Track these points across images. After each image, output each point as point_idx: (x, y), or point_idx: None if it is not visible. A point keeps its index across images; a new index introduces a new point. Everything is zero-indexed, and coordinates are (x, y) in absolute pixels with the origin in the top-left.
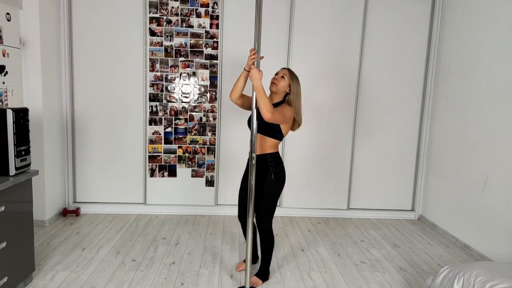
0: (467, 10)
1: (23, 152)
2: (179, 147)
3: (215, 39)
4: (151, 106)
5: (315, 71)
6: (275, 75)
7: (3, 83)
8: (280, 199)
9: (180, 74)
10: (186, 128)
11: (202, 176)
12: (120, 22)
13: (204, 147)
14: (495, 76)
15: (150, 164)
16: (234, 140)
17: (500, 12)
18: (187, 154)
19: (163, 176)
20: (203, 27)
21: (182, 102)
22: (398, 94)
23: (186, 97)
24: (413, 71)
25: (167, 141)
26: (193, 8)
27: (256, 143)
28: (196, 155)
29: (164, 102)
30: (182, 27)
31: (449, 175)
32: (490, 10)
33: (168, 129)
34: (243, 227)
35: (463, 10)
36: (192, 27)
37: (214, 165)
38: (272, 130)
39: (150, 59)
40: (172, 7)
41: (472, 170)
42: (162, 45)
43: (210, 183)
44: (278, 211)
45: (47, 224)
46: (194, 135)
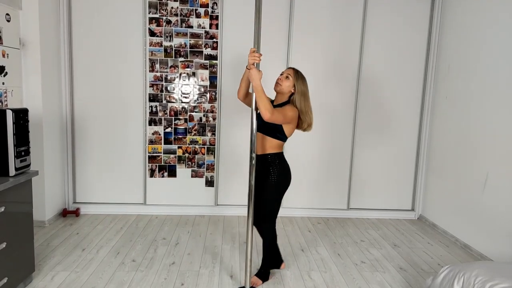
0: (466, 9)
1: (23, 153)
2: (179, 147)
3: (214, 39)
4: (151, 107)
5: (314, 71)
6: (280, 75)
7: (3, 83)
8: None
9: (180, 75)
10: (186, 129)
11: (202, 176)
12: (119, 23)
13: (204, 147)
14: (495, 76)
15: (150, 164)
16: (234, 140)
17: (500, 11)
18: (187, 155)
19: (163, 176)
20: (202, 28)
21: (182, 102)
22: (398, 94)
23: (185, 97)
24: (412, 71)
25: (167, 141)
26: (192, 9)
27: (259, 143)
28: (196, 155)
29: (164, 102)
30: (181, 27)
31: (449, 175)
32: (490, 9)
33: (168, 129)
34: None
35: (463, 9)
36: (191, 27)
37: (214, 165)
38: (274, 130)
39: (150, 60)
40: (171, 8)
41: (472, 170)
42: (161, 45)
43: (210, 183)
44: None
45: (47, 225)
46: (194, 135)
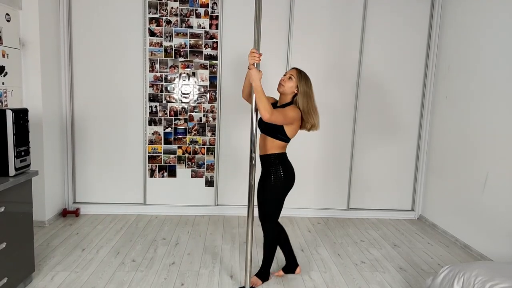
0: (466, 9)
1: (22, 153)
2: (178, 147)
3: (214, 40)
4: (151, 107)
5: (314, 71)
6: (283, 76)
7: (3, 83)
8: None
9: (180, 75)
10: (185, 129)
11: (201, 176)
12: (119, 23)
13: (204, 148)
14: (495, 75)
15: (150, 164)
16: (234, 140)
17: (500, 11)
18: (186, 155)
19: (163, 176)
20: (202, 28)
21: (182, 102)
22: (398, 94)
23: (185, 97)
24: (412, 71)
25: (167, 141)
26: (192, 9)
27: (261, 144)
28: (195, 156)
29: (164, 102)
30: (181, 27)
31: (449, 175)
32: (490, 9)
33: (168, 129)
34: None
35: (462, 9)
36: (191, 27)
37: (213, 165)
38: (275, 131)
39: (150, 60)
40: (171, 8)
41: (472, 170)
42: (161, 45)
43: (209, 183)
44: None
45: (47, 225)
46: (193, 136)
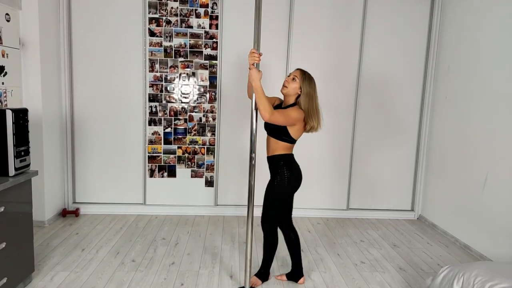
0: (466, 9)
1: (22, 153)
2: (178, 147)
3: (214, 40)
4: (151, 107)
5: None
6: (287, 77)
7: (3, 83)
8: None
9: (180, 75)
10: (185, 129)
11: (201, 176)
12: (119, 23)
13: (204, 148)
14: (494, 75)
15: (150, 164)
16: (233, 140)
17: (500, 11)
18: (186, 155)
19: (162, 176)
20: (202, 28)
21: (182, 102)
22: (398, 94)
23: (185, 97)
24: (412, 70)
25: (167, 141)
26: (192, 9)
27: (268, 145)
28: (195, 156)
29: (164, 102)
30: (181, 27)
31: (448, 175)
32: (490, 9)
33: (168, 129)
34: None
35: (462, 9)
36: (191, 27)
37: (213, 165)
38: (279, 133)
39: (150, 60)
40: (171, 8)
41: (472, 170)
42: (161, 45)
43: (209, 183)
44: None
45: (46, 225)
46: (193, 136)
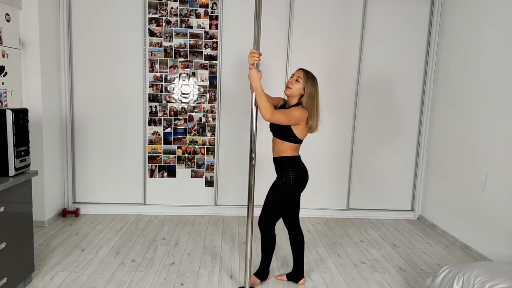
0: (466, 10)
1: (22, 153)
2: (178, 147)
3: (214, 40)
4: (151, 107)
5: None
6: (290, 78)
7: (3, 83)
8: None
9: (180, 75)
10: (185, 129)
11: (201, 176)
12: (119, 23)
13: (204, 148)
14: (494, 76)
15: (150, 164)
16: (233, 140)
17: (500, 12)
18: (186, 155)
19: (162, 176)
20: (202, 28)
21: (182, 102)
22: (398, 94)
23: (185, 97)
24: (412, 71)
25: (167, 141)
26: (192, 9)
27: (274, 146)
28: (195, 156)
29: (164, 102)
30: (181, 27)
31: (448, 175)
32: (490, 10)
33: (168, 129)
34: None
35: (462, 10)
36: (191, 27)
37: (213, 165)
38: (284, 133)
39: (150, 60)
40: (171, 8)
41: (471, 170)
42: (161, 45)
43: (209, 183)
44: None
45: (46, 225)
46: (193, 136)
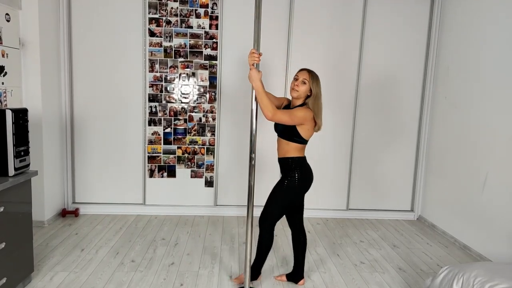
0: (466, 9)
1: (22, 153)
2: (178, 147)
3: (214, 40)
4: (151, 107)
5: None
6: (294, 80)
7: (3, 83)
8: None
9: (180, 75)
10: (185, 129)
11: (201, 176)
12: (119, 23)
13: (204, 148)
14: (494, 76)
15: (150, 164)
16: (233, 140)
17: (500, 11)
18: (186, 155)
19: (162, 176)
20: (202, 28)
21: (182, 102)
22: (398, 94)
23: (185, 97)
24: (412, 71)
25: (167, 141)
26: (192, 9)
27: (279, 147)
28: (195, 156)
29: (164, 102)
30: (181, 27)
31: (448, 176)
32: (490, 9)
33: (168, 129)
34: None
35: (462, 9)
36: (191, 27)
37: (213, 165)
38: (290, 134)
39: (150, 60)
40: (171, 8)
41: (471, 170)
42: (161, 45)
43: (209, 183)
44: None
45: (46, 225)
46: (193, 136)
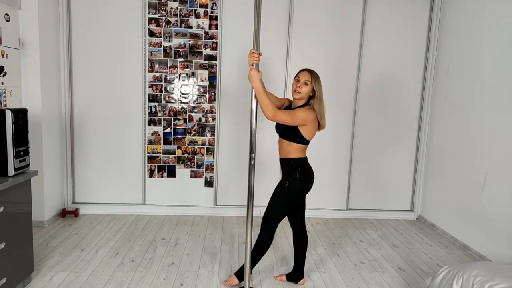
0: (466, 9)
1: (22, 153)
2: (178, 147)
3: (214, 40)
4: (150, 107)
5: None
6: (296, 82)
7: (2, 83)
8: None
9: (179, 75)
10: (185, 129)
11: (201, 176)
12: (119, 23)
13: (203, 148)
14: (494, 76)
15: (149, 164)
16: (233, 140)
17: (500, 10)
18: (186, 155)
19: (162, 176)
20: (202, 28)
21: (181, 102)
22: (397, 94)
23: (185, 97)
24: (412, 71)
25: (166, 141)
26: (192, 9)
27: (280, 148)
28: (195, 156)
29: (163, 102)
30: (181, 27)
31: (448, 175)
32: (490, 9)
33: (167, 129)
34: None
35: (462, 9)
36: (191, 27)
37: (213, 165)
38: (292, 134)
39: (149, 60)
40: (171, 8)
41: (471, 170)
42: (161, 45)
43: (209, 183)
44: None
45: (46, 225)
46: (193, 136)
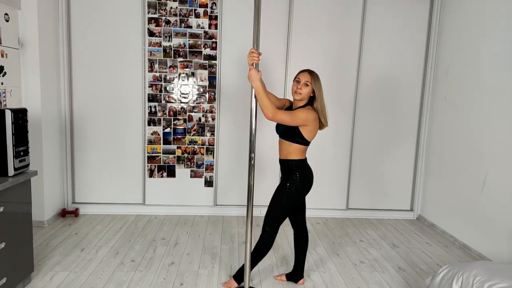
0: (466, 9)
1: (21, 153)
2: (178, 147)
3: (213, 40)
4: (150, 107)
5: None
6: (296, 83)
7: (2, 83)
8: None
9: (179, 75)
10: (185, 129)
11: (201, 176)
12: (118, 23)
13: (203, 148)
14: (494, 76)
15: (149, 164)
16: (233, 140)
17: (500, 10)
18: (186, 155)
19: (162, 176)
20: (202, 28)
21: (181, 102)
22: (397, 94)
23: (185, 97)
24: (412, 71)
25: (166, 141)
26: (191, 9)
27: (280, 148)
28: (195, 156)
29: (163, 102)
30: (180, 27)
31: (448, 175)
32: (490, 10)
33: (167, 129)
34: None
35: (462, 10)
36: (190, 27)
37: (213, 165)
38: (292, 134)
39: (149, 60)
40: (170, 8)
41: (471, 170)
42: (161, 45)
43: (209, 183)
44: None
45: (46, 225)
46: (193, 136)
